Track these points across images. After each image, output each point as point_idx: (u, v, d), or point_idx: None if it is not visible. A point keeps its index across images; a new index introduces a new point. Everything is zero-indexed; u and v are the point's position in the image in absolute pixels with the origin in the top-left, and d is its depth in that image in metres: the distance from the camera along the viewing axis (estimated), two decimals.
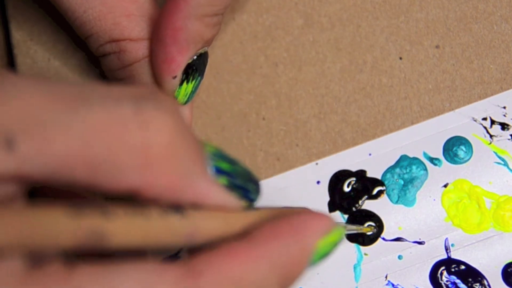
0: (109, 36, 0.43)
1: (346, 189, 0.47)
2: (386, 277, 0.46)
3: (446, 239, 0.46)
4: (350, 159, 0.47)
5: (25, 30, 0.50)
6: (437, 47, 0.48)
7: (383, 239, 0.46)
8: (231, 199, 0.32)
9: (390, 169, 0.47)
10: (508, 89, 0.47)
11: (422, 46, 0.48)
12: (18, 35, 0.50)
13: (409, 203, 0.47)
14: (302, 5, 0.49)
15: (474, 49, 0.48)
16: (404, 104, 0.48)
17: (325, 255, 0.33)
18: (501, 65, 0.48)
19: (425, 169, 0.47)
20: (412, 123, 0.47)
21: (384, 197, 0.47)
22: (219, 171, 0.32)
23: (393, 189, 0.47)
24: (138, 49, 0.43)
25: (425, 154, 0.47)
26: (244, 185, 0.33)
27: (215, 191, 0.32)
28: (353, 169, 0.47)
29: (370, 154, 0.47)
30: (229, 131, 0.48)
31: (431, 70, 0.48)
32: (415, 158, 0.47)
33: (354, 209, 0.47)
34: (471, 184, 0.46)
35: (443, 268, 0.46)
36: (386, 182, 0.47)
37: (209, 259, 0.30)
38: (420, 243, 0.46)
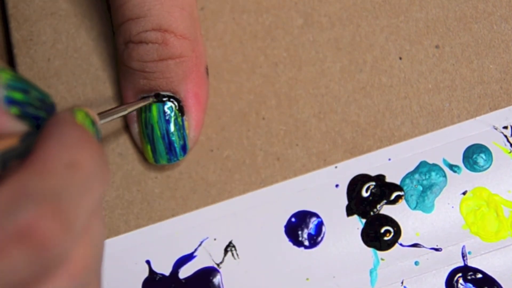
0: (158, 23, 0.43)
1: (365, 193, 0.46)
2: (402, 282, 0.45)
3: (463, 246, 0.45)
4: (369, 163, 0.46)
5: (25, 30, 0.49)
6: (437, 47, 0.47)
7: (400, 244, 0.45)
8: (22, 126, 0.33)
9: (409, 174, 0.46)
10: (508, 89, 0.46)
11: (422, 45, 0.48)
12: (18, 35, 0.49)
13: (427, 209, 0.46)
14: (302, 5, 0.48)
15: (474, 48, 0.47)
16: (404, 104, 0.47)
17: (92, 123, 0.35)
18: (500, 65, 0.47)
19: (445, 176, 0.46)
20: (412, 123, 0.46)
21: (402, 202, 0.46)
22: (11, 101, 0.33)
23: (411, 195, 0.46)
24: (178, 47, 0.44)
25: (444, 160, 0.46)
26: (36, 113, 0.33)
27: (5, 120, 0.32)
28: (372, 174, 0.46)
29: (389, 159, 0.46)
30: (229, 131, 0.47)
31: (431, 70, 0.47)
32: (434, 165, 0.46)
33: (372, 213, 0.46)
34: (490, 192, 0.46)
35: (459, 275, 0.45)
36: (405, 188, 0.46)
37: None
38: (437, 249, 0.45)
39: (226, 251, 0.46)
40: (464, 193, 0.46)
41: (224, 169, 0.47)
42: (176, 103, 0.45)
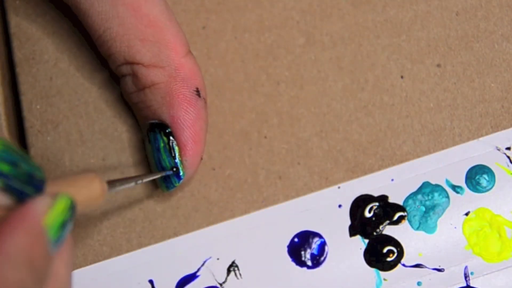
0: (123, 58, 0.43)
1: (368, 214, 0.45)
2: None
3: (466, 267, 0.44)
4: (372, 184, 0.46)
5: (27, 49, 0.48)
6: (438, 65, 0.47)
7: (403, 265, 0.45)
8: (5, 199, 0.32)
9: (412, 195, 0.46)
10: (509, 107, 0.46)
11: (424, 64, 0.47)
12: (20, 54, 0.48)
13: (430, 230, 0.45)
14: (304, 24, 0.48)
15: (475, 67, 0.47)
16: (406, 123, 0.46)
17: (61, 226, 0.33)
18: (502, 84, 0.46)
19: (447, 197, 0.45)
20: (414, 142, 0.46)
21: (405, 223, 0.45)
22: None
23: (414, 215, 0.45)
24: (148, 76, 0.43)
25: (447, 181, 0.45)
26: (22, 188, 0.32)
27: None
28: (375, 194, 0.46)
29: (392, 180, 0.46)
30: (231, 150, 0.47)
31: (432, 89, 0.47)
32: (437, 185, 0.45)
33: (375, 234, 0.45)
34: (493, 213, 0.45)
35: None
36: (407, 208, 0.45)
37: None
38: (439, 270, 0.45)
39: (229, 270, 0.45)
40: (466, 214, 0.45)
41: (226, 187, 0.47)
42: (164, 131, 0.44)
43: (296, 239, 0.45)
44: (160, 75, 0.43)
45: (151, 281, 0.45)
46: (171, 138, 0.44)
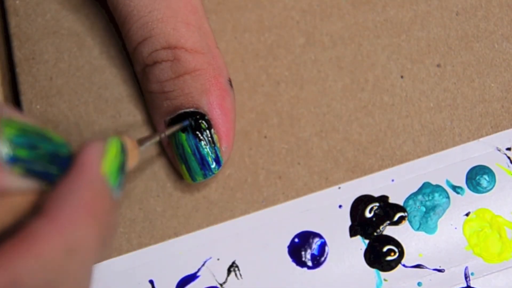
0: (166, 41, 0.43)
1: (368, 214, 0.45)
2: None
3: (466, 267, 0.44)
4: (372, 184, 0.46)
5: (27, 48, 0.48)
6: (438, 65, 0.46)
7: (403, 265, 0.45)
8: (28, 184, 0.31)
9: (413, 195, 0.45)
10: (509, 107, 0.46)
11: (424, 64, 0.47)
12: (20, 54, 0.48)
13: (431, 230, 0.45)
14: (304, 24, 0.47)
15: (475, 67, 0.46)
16: (406, 123, 0.46)
17: (118, 170, 0.33)
18: (502, 84, 0.46)
19: (448, 197, 0.45)
20: (414, 141, 0.46)
21: (405, 223, 0.45)
22: (15, 159, 0.30)
23: (414, 216, 0.45)
24: (191, 61, 0.43)
25: (448, 182, 0.45)
26: (45, 169, 0.31)
27: (8, 180, 0.30)
28: (376, 195, 0.45)
29: (392, 180, 0.46)
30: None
31: (432, 89, 0.46)
32: (438, 186, 0.45)
33: (375, 234, 0.45)
34: (493, 213, 0.45)
35: None
36: (408, 209, 0.45)
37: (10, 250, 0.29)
38: (440, 270, 0.44)
39: (229, 271, 0.45)
40: (467, 214, 0.45)
41: (226, 187, 0.46)
42: (202, 119, 0.44)
43: (296, 240, 0.45)
44: (202, 61, 0.43)
45: (151, 281, 0.45)
46: (207, 125, 0.44)
